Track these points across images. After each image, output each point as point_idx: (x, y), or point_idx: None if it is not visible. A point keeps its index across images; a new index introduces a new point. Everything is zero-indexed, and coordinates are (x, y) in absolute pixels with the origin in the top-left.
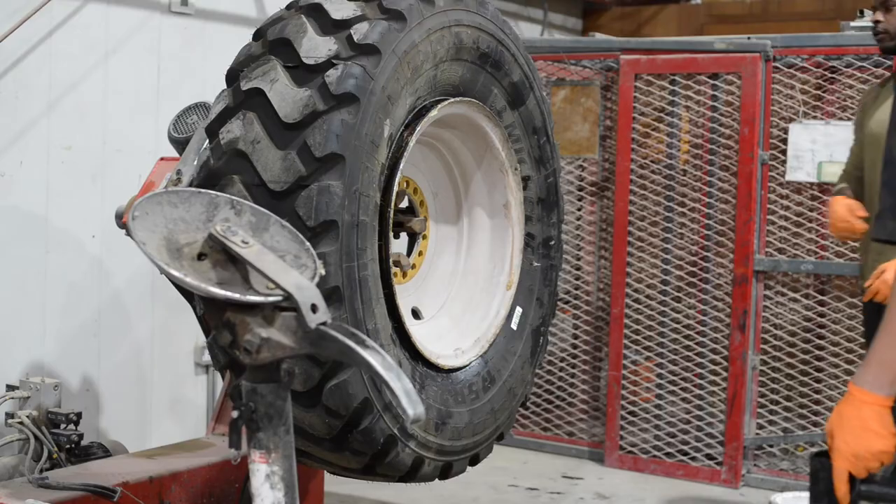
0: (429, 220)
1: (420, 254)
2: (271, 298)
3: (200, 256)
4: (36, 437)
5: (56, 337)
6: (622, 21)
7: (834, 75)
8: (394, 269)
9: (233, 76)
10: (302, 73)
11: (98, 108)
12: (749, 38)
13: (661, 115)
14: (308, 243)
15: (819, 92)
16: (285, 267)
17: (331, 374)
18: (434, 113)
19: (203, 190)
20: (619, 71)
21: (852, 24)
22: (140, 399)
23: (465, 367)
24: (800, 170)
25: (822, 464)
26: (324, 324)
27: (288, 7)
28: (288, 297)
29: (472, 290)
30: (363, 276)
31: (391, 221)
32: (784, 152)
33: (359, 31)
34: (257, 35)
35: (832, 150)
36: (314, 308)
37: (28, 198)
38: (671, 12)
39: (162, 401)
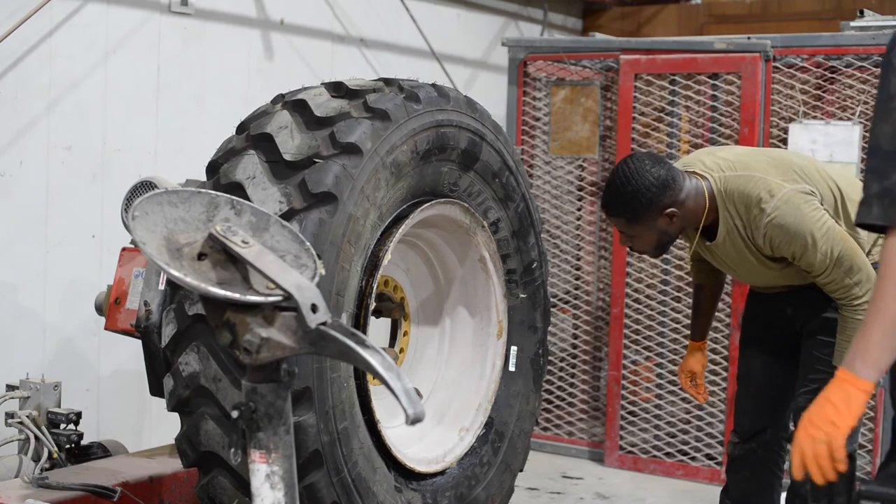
0: (406, 299)
1: (405, 334)
2: (271, 298)
3: (200, 256)
4: (36, 437)
5: (56, 337)
6: (622, 21)
7: (834, 75)
8: None
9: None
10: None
11: (98, 107)
12: (749, 38)
13: (661, 115)
14: (308, 243)
15: (819, 92)
16: (285, 267)
17: None
18: (386, 260)
19: (203, 190)
20: (619, 71)
21: (852, 24)
22: (140, 399)
23: (472, 445)
24: None
25: None
26: (324, 324)
27: (212, 171)
28: (288, 297)
29: (464, 352)
30: (355, 476)
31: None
32: None
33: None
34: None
35: (832, 151)
36: (314, 308)
37: (28, 198)
38: (671, 12)
39: (162, 401)
